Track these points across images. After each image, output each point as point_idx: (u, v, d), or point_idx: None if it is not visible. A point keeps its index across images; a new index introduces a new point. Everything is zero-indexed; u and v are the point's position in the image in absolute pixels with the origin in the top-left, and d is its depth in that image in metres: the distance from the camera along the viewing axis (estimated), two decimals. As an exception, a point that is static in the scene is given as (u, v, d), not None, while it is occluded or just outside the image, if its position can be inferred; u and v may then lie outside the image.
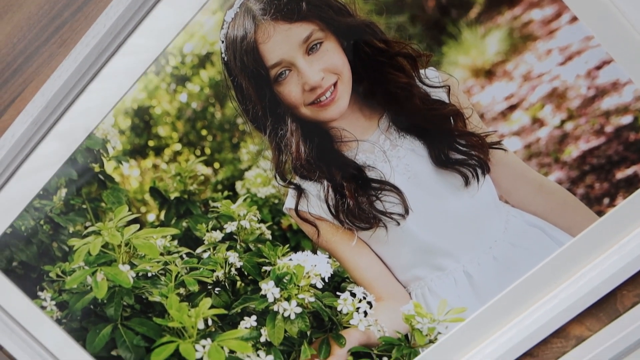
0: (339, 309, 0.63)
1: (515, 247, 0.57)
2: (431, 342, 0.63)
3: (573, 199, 0.56)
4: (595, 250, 0.58)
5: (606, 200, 0.56)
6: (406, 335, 0.63)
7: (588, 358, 0.59)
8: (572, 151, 0.56)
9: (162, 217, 0.63)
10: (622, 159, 0.55)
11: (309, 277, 0.62)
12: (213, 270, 0.63)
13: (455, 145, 0.56)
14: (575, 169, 0.56)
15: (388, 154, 0.57)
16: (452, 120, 0.55)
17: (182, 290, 0.64)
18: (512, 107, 0.55)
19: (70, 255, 0.65)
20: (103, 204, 0.63)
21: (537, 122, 0.55)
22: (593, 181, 0.56)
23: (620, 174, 0.55)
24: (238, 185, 0.61)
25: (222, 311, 0.64)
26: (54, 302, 0.67)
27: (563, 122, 0.55)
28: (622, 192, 0.56)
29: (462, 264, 0.59)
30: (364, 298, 0.61)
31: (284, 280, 0.63)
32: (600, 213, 0.57)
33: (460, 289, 0.59)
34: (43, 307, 0.68)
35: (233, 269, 0.63)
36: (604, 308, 0.61)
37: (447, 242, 0.58)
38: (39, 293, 0.68)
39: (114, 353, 0.69)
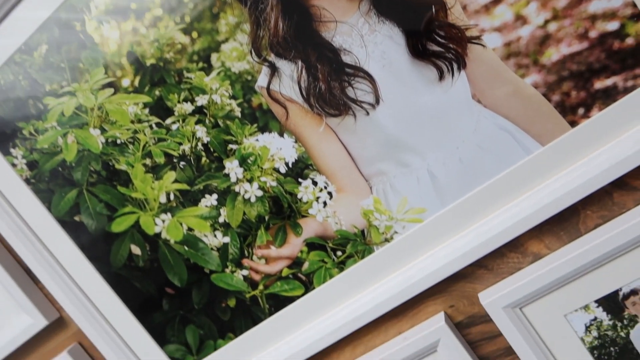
0: (299, 196, 0.63)
1: (482, 150, 0.57)
2: (387, 240, 0.63)
3: (547, 106, 0.55)
4: (563, 162, 0.58)
5: (581, 111, 0.55)
6: (362, 231, 0.63)
7: (540, 273, 0.59)
8: (553, 54, 0.55)
9: (136, 83, 0.63)
10: (603, 68, 0.54)
11: (273, 160, 0.62)
12: (180, 144, 0.64)
13: (434, 36, 0.55)
14: (553, 73, 0.55)
15: (365, 38, 0.57)
16: (433, 10, 0.54)
17: (148, 162, 0.65)
18: (497, 1, 0.54)
19: (44, 114, 0.66)
20: (81, 65, 0.64)
21: (520, 19, 0.54)
22: (570, 88, 0.55)
23: (599, 84, 0.55)
24: (214, 57, 0.62)
25: (184, 186, 0.65)
26: (24, 161, 0.69)
27: (547, 22, 0.54)
28: (598, 104, 0.55)
29: (427, 163, 0.59)
30: (325, 188, 0.62)
31: (248, 161, 0.63)
32: (573, 123, 0.56)
33: (423, 188, 0.59)
34: (14, 165, 0.69)
35: (200, 144, 0.63)
36: (566, 227, 0.61)
37: (414, 138, 0.58)
38: (12, 150, 0.68)
39: (77, 219, 0.70)
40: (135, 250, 0.74)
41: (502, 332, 0.67)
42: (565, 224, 0.63)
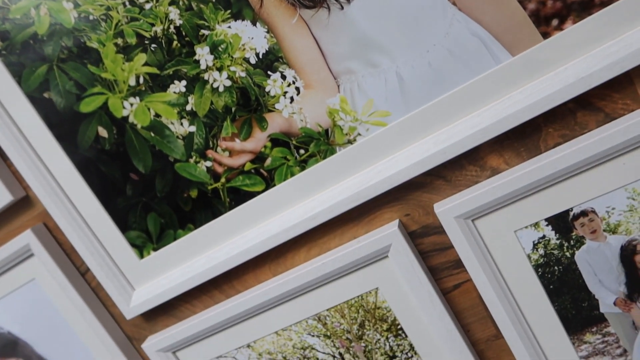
0: (267, 89, 0.63)
1: (452, 56, 0.57)
2: (350, 142, 0.64)
3: (522, 14, 0.55)
4: (531, 75, 0.58)
5: (555, 22, 0.54)
6: (327, 131, 0.63)
7: (494, 186, 0.59)
8: (533, -42, 0.53)
9: (112, -44, 0.61)
10: (582, -23, 0.53)
11: (244, 49, 0.62)
12: (152, 25, 0.63)
13: None
14: (532, -21, 0.54)
15: None
16: None
17: (120, 41, 0.64)
18: None
19: (18, -17, 0.65)
20: None
21: None
22: (547, -3, 0.54)
23: (577, -6, 0.53)
24: (191, -64, 0.59)
25: (154, 70, 0.65)
26: (-4, 31, 0.68)
27: None
28: (573, 16, 0.54)
29: (396, 65, 0.59)
30: (294, 82, 0.62)
31: (219, 49, 0.63)
32: (545, 35, 0.55)
33: (389, 90, 0.59)
34: (-14, 35, 0.68)
35: (172, 27, 0.62)
36: (527, 144, 0.62)
37: (386, 37, 0.58)
38: (-17, 19, 0.68)
39: (46, 95, 0.70)
40: (102, 132, 0.74)
41: (453, 244, 0.68)
42: (526, 140, 0.63)
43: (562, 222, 0.65)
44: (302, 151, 0.69)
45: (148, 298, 0.81)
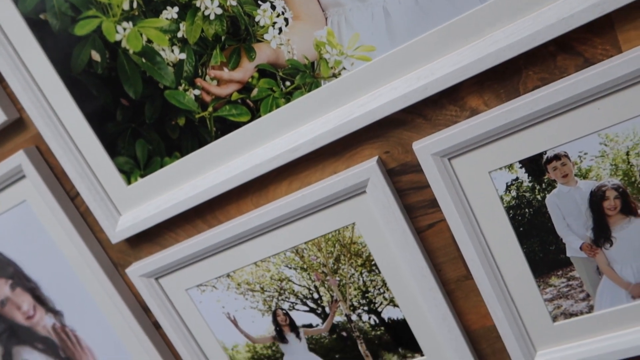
0: (256, 19, 0.65)
1: None
2: (334, 76, 0.66)
3: None
4: (515, 15, 0.58)
5: (541, -39, 0.55)
6: (313, 64, 0.64)
7: (471, 124, 0.61)
8: None
9: None
10: None
11: (235, -23, 0.62)
12: (147, -52, 0.63)
13: None
14: None
15: None
16: None
17: None
18: None
19: None
20: None
21: None
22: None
23: None
24: None
25: (148, -5, 0.66)
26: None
27: None
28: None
29: None
30: (283, 13, 0.63)
31: (212, -24, 0.63)
32: (531, -26, 0.56)
33: (376, 25, 0.61)
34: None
35: (166, -48, 0.63)
36: (506, 86, 0.63)
37: None
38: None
39: (42, 17, 0.71)
40: (95, 56, 0.76)
41: (429, 183, 0.70)
42: (506, 82, 0.65)
43: (535, 165, 0.66)
44: (287, 83, 0.70)
45: (134, 223, 0.83)
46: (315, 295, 0.82)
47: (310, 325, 0.85)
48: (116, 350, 0.99)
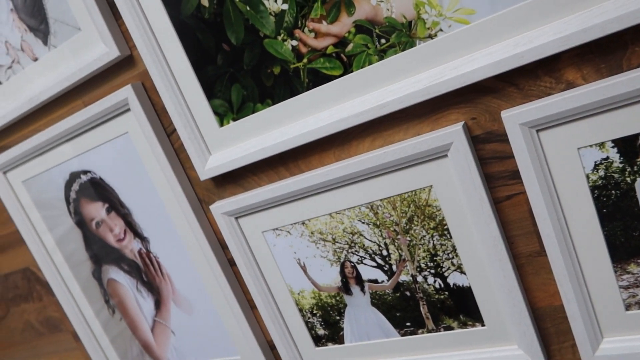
0: (360, -26, 0.66)
1: None
2: (430, 37, 0.66)
3: None
4: None
5: None
6: (410, 23, 0.66)
7: (565, 97, 0.60)
8: None
9: None
10: None
11: None
12: None
13: None
14: None
15: None
16: None
17: None
18: None
19: None
20: None
21: None
22: None
23: None
24: None
25: (259, -56, 0.69)
26: None
27: None
28: None
29: None
30: (386, -30, 0.64)
31: None
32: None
33: (478, -12, 0.60)
34: None
35: None
36: (609, 60, 0.62)
37: None
38: None
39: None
40: (204, 1, 0.81)
41: (513, 154, 0.70)
42: (609, 56, 0.63)
43: (629, 146, 0.65)
44: (383, 41, 0.72)
45: (222, 163, 0.89)
46: (384, 252, 0.85)
47: (375, 281, 0.88)
48: (192, 280, 1.08)
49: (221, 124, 0.88)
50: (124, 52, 0.92)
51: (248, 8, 0.78)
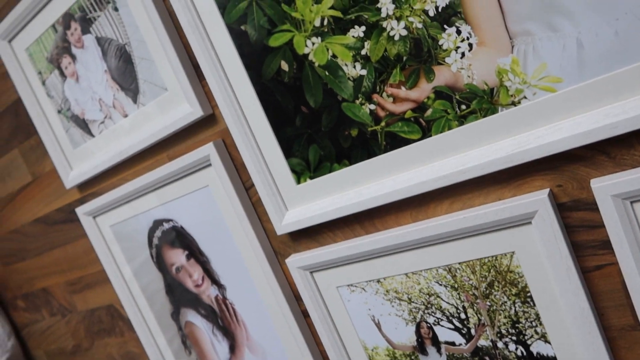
0: (440, 42, 0.67)
1: None
2: (513, 104, 0.65)
3: None
4: None
5: None
6: (492, 90, 0.65)
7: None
8: None
9: None
10: None
11: (424, 1, 0.65)
12: (343, -29, 0.68)
13: None
14: None
15: None
16: None
17: None
18: None
19: None
20: None
21: None
22: None
23: None
24: None
25: (338, 14, 0.72)
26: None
27: None
28: None
29: (578, 30, 0.58)
30: (468, 38, 0.64)
31: (401, -1, 0.67)
32: None
33: (566, 57, 0.60)
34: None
35: (361, -26, 0.67)
36: None
37: (572, 0, 0.56)
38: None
39: (242, 27, 0.80)
40: (284, 66, 0.83)
41: (604, 223, 0.67)
42: None
43: None
44: (463, 106, 0.71)
45: (299, 219, 0.91)
46: (463, 316, 0.82)
47: (452, 343, 0.85)
48: (266, 328, 1.09)
49: (298, 182, 0.90)
50: (206, 111, 0.96)
51: (327, 73, 0.80)
